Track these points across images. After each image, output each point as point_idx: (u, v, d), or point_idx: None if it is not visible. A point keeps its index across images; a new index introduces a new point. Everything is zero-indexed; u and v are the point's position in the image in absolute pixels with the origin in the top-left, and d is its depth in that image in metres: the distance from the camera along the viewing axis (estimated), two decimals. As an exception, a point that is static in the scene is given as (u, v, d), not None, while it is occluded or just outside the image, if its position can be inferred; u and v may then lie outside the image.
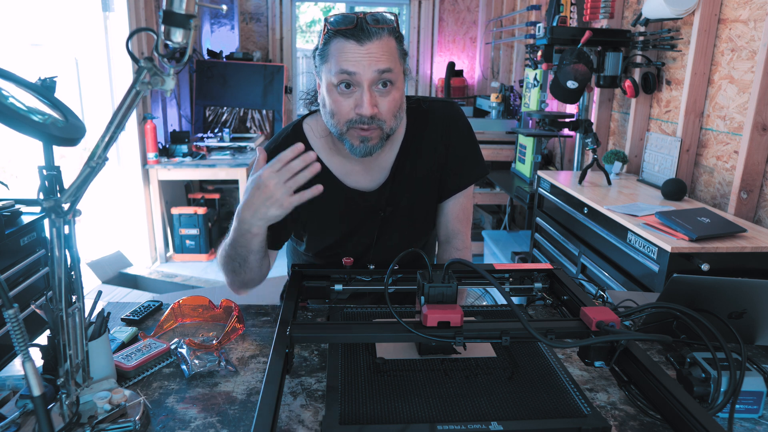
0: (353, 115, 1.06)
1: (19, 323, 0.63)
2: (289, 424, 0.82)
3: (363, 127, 1.07)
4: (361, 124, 1.06)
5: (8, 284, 2.13)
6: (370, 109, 1.04)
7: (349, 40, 1.02)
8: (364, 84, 1.03)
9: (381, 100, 1.06)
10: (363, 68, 1.02)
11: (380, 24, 1.04)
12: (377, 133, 1.09)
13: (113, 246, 3.92)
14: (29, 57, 3.22)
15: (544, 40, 2.85)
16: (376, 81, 1.04)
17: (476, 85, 5.74)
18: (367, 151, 1.10)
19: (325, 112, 1.12)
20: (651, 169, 2.57)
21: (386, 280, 0.93)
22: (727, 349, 0.87)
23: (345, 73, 1.03)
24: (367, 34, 1.02)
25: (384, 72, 1.03)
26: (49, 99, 0.71)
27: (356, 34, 1.02)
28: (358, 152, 1.10)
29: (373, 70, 1.02)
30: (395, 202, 1.25)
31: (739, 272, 1.75)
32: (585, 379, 0.96)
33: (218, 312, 1.16)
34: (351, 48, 1.02)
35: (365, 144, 1.09)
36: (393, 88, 1.07)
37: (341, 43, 1.03)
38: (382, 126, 1.08)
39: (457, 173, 1.28)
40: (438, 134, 1.26)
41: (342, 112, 1.07)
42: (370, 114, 1.04)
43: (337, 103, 1.07)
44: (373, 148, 1.10)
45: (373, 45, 1.02)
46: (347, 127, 1.08)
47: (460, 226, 1.33)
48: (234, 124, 5.12)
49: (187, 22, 0.63)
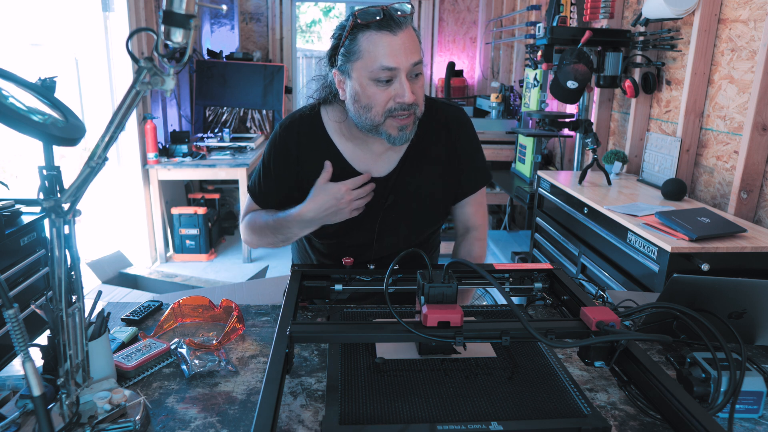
0: (392, 105, 1.12)
1: (19, 323, 0.63)
2: (289, 424, 0.82)
3: (402, 114, 1.12)
4: (401, 111, 1.12)
5: (8, 284, 2.13)
6: (412, 97, 1.10)
7: (382, 30, 1.07)
8: (402, 74, 1.09)
9: (415, 88, 1.12)
10: (402, 62, 1.08)
11: (405, 13, 1.09)
12: (412, 119, 1.15)
13: (113, 246, 3.91)
14: (29, 57, 3.22)
15: (544, 40, 2.85)
16: (411, 72, 1.11)
17: (476, 85, 5.74)
18: (405, 138, 1.17)
19: (357, 107, 1.15)
20: (651, 169, 2.57)
21: (386, 280, 0.93)
22: (727, 349, 0.87)
23: (387, 69, 1.08)
24: (398, 23, 1.08)
25: (417, 64, 1.11)
26: (49, 99, 0.71)
27: (389, 25, 1.07)
28: (397, 141, 1.16)
29: (410, 63, 1.09)
30: (399, 192, 1.28)
31: (739, 272, 1.75)
32: (585, 379, 0.96)
33: (218, 312, 1.16)
34: (386, 41, 1.07)
35: (404, 132, 1.15)
36: (421, 76, 1.14)
37: (374, 36, 1.08)
38: (416, 111, 1.15)
39: (471, 177, 1.35)
40: (448, 136, 1.31)
41: (380, 104, 1.12)
42: (411, 101, 1.11)
43: (375, 96, 1.12)
44: (410, 134, 1.17)
45: (404, 35, 1.08)
46: (385, 118, 1.13)
47: (477, 220, 1.39)
48: (234, 124, 5.12)
49: (187, 22, 0.63)
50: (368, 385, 0.87)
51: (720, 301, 1.00)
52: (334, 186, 1.16)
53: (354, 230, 1.29)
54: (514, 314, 0.84)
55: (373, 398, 0.84)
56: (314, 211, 1.16)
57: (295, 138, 1.27)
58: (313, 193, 1.17)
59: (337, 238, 1.32)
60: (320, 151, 1.26)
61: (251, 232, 1.31)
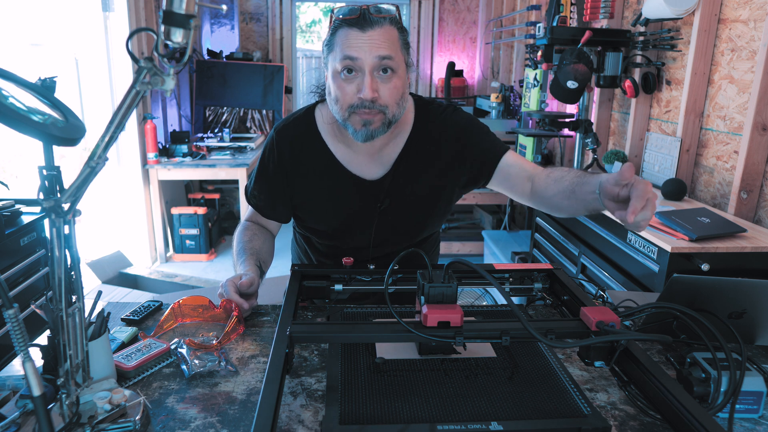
0: (355, 100, 1.11)
1: (19, 323, 0.63)
2: (289, 424, 0.82)
3: (365, 111, 1.12)
4: (362, 108, 1.11)
5: (8, 284, 2.13)
6: (370, 93, 1.09)
7: (353, 28, 1.09)
8: (366, 69, 1.09)
9: (382, 86, 1.11)
10: (364, 53, 1.08)
11: (382, 14, 1.10)
12: (379, 117, 1.13)
13: (113, 246, 3.92)
14: (29, 57, 3.22)
15: (544, 40, 2.85)
16: (377, 67, 1.10)
17: (476, 85, 5.74)
18: (368, 135, 1.15)
19: (330, 100, 1.17)
20: (651, 169, 2.57)
21: (386, 280, 0.93)
22: (727, 349, 0.87)
23: (348, 58, 1.09)
24: (369, 22, 1.09)
25: (384, 58, 1.09)
26: (49, 99, 0.71)
27: (359, 23, 1.09)
28: (360, 136, 1.15)
29: (374, 55, 1.08)
30: (393, 196, 1.27)
31: (739, 272, 1.75)
32: (585, 379, 0.96)
33: (218, 312, 1.16)
34: (354, 35, 1.09)
35: (367, 128, 1.14)
36: (394, 76, 1.12)
37: (345, 31, 1.10)
38: (384, 111, 1.13)
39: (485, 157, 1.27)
40: (447, 138, 1.28)
41: (345, 98, 1.12)
42: (370, 98, 1.10)
43: (340, 88, 1.12)
44: (375, 132, 1.15)
45: (374, 32, 1.09)
46: (349, 113, 1.13)
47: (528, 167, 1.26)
48: (234, 124, 5.11)
49: (187, 22, 0.63)
50: (368, 385, 0.87)
51: (720, 301, 1.00)
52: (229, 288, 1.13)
53: (350, 233, 1.30)
54: (514, 314, 0.84)
55: (373, 398, 0.84)
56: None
57: (290, 141, 1.27)
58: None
59: (333, 240, 1.32)
60: (314, 154, 1.27)
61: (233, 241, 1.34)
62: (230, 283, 1.14)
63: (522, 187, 1.26)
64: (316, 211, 1.30)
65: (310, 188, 1.28)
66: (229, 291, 1.12)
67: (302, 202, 1.30)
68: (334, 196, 1.28)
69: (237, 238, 1.33)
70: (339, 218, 1.29)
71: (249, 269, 1.20)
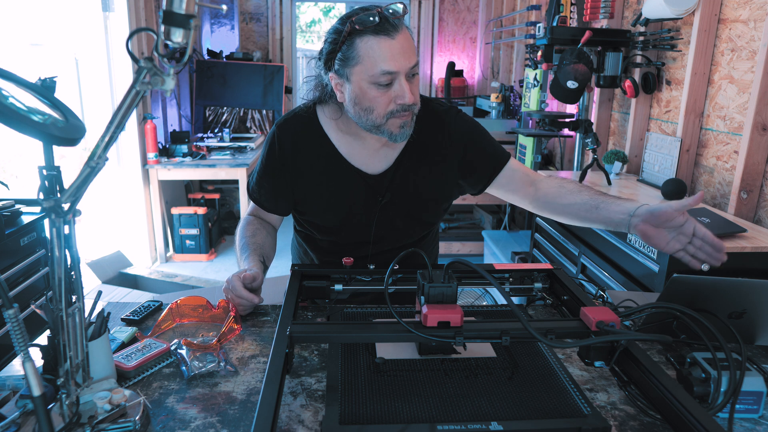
0: (394, 107, 1.14)
1: (19, 323, 0.63)
2: (289, 424, 0.82)
3: (404, 114, 1.15)
4: (402, 112, 1.14)
5: (8, 284, 2.13)
6: (412, 98, 1.13)
7: (380, 35, 1.08)
8: (402, 77, 1.11)
9: (412, 88, 1.15)
10: (401, 65, 1.10)
11: (398, 15, 1.10)
12: (410, 116, 1.17)
13: (113, 246, 3.92)
14: (29, 57, 3.22)
15: (544, 40, 2.85)
16: (409, 73, 1.13)
17: (476, 85, 5.74)
18: (406, 135, 1.19)
19: (357, 110, 1.17)
20: (651, 169, 2.57)
21: (386, 280, 0.93)
22: (727, 349, 0.87)
23: (387, 74, 1.10)
24: (394, 26, 1.09)
25: (415, 66, 1.13)
26: (49, 99, 0.71)
27: (385, 29, 1.08)
28: (399, 138, 1.18)
29: (409, 66, 1.11)
30: (396, 190, 1.28)
31: (739, 272, 1.74)
32: (585, 379, 0.96)
33: (217, 312, 1.16)
34: (385, 45, 1.08)
35: (404, 129, 1.17)
36: (417, 76, 1.17)
37: (372, 41, 1.08)
38: (414, 110, 1.17)
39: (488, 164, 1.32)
40: (448, 137, 1.30)
41: (381, 106, 1.14)
42: (412, 102, 1.13)
43: (376, 99, 1.13)
44: (409, 131, 1.19)
45: (401, 37, 1.10)
46: (387, 119, 1.15)
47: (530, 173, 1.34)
48: (234, 124, 5.11)
49: (187, 22, 0.63)
50: (368, 385, 0.87)
51: (720, 301, 0.99)
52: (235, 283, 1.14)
53: (351, 227, 1.30)
54: (514, 314, 0.84)
55: (373, 398, 0.84)
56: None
57: (291, 136, 1.27)
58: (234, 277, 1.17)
59: (333, 235, 1.33)
60: (316, 148, 1.27)
61: (236, 236, 1.35)
62: (236, 279, 1.14)
63: (524, 192, 1.32)
64: (317, 204, 1.30)
65: (312, 182, 1.28)
66: (236, 286, 1.13)
67: (304, 195, 1.30)
68: (336, 190, 1.28)
69: (240, 233, 1.33)
70: (340, 212, 1.29)
71: (253, 265, 1.21)
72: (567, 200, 1.26)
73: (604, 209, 1.19)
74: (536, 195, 1.31)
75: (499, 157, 1.32)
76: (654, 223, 1.09)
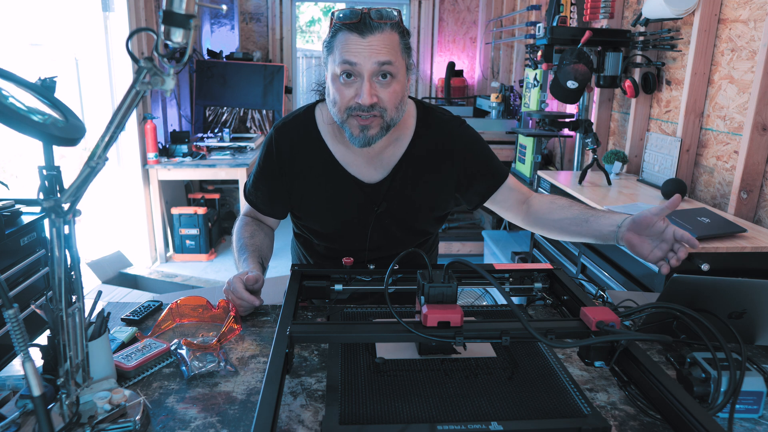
0: (353, 104, 1.11)
1: (19, 323, 0.63)
2: (289, 424, 0.82)
3: (362, 115, 1.11)
4: (360, 112, 1.11)
5: (8, 284, 2.13)
6: (369, 99, 1.09)
7: (353, 32, 1.08)
8: (365, 74, 1.09)
9: (381, 91, 1.11)
10: (364, 59, 1.08)
11: (383, 19, 1.09)
12: (377, 122, 1.13)
13: (113, 246, 3.92)
14: (29, 57, 3.22)
15: (544, 40, 2.85)
16: (376, 72, 1.10)
17: (476, 85, 5.74)
18: (366, 141, 1.15)
19: (329, 101, 1.17)
20: (651, 169, 2.57)
21: (386, 280, 0.93)
22: (727, 349, 0.87)
23: (347, 63, 1.09)
24: (370, 27, 1.08)
25: (384, 64, 1.09)
26: (49, 99, 0.70)
27: (359, 28, 1.08)
28: (357, 141, 1.15)
29: (374, 61, 1.08)
30: (391, 200, 1.27)
31: (739, 272, 1.75)
32: (585, 379, 0.96)
33: (217, 312, 1.16)
34: (354, 40, 1.08)
35: (364, 133, 1.14)
36: (393, 81, 1.12)
37: (345, 35, 1.09)
38: (383, 114, 1.13)
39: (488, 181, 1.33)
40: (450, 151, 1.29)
41: (343, 101, 1.12)
42: (368, 103, 1.10)
43: (339, 91, 1.12)
44: (372, 138, 1.15)
45: (375, 38, 1.08)
46: (347, 115, 1.13)
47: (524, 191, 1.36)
48: (234, 124, 5.11)
49: (187, 22, 0.63)
50: (368, 385, 0.87)
51: (720, 301, 1.00)
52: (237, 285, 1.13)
53: (347, 234, 1.30)
54: (514, 314, 0.84)
55: (373, 398, 0.84)
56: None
57: (289, 141, 1.27)
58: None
59: (330, 241, 1.32)
60: (314, 154, 1.27)
61: (233, 236, 1.35)
62: (238, 280, 1.14)
63: (517, 209, 1.36)
64: (313, 210, 1.30)
65: (309, 187, 1.28)
66: (238, 288, 1.12)
67: (300, 200, 1.30)
68: (332, 197, 1.28)
69: (237, 234, 1.33)
70: (336, 219, 1.29)
71: (253, 267, 1.20)
72: (557, 215, 1.28)
73: (594, 222, 1.21)
74: (528, 212, 1.34)
75: (498, 174, 1.33)
76: (637, 230, 1.11)
